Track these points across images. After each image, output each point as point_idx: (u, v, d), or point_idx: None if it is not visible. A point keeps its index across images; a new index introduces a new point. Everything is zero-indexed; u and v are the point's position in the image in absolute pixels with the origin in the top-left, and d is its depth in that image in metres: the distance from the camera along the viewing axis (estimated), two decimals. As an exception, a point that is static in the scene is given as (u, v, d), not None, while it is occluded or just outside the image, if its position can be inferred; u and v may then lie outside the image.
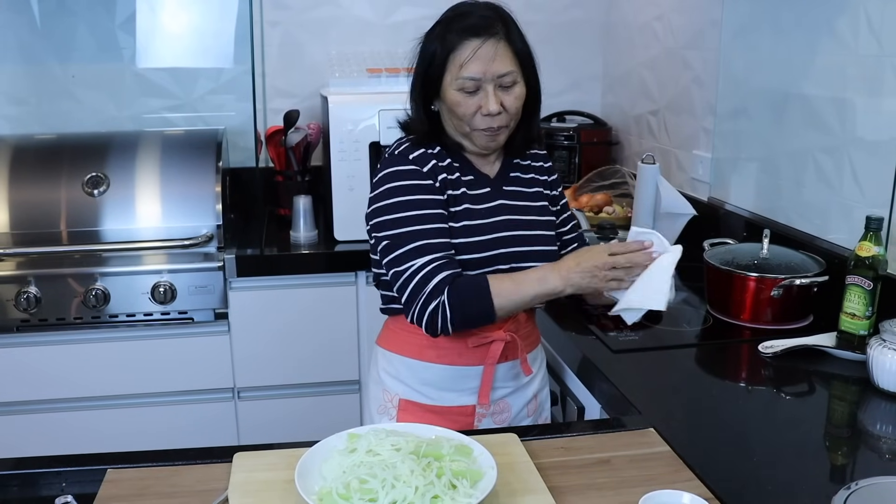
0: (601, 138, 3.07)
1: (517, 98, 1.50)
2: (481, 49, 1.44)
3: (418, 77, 1.54)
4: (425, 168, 1.51)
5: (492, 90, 1.46)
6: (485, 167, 1.59)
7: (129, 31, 2.80)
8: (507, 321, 1.55)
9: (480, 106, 1.47)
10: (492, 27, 1.46)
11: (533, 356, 1.65)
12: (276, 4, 2.90)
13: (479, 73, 1.45)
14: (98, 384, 2.39)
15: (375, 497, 1.02)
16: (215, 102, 2.91)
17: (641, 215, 2.44)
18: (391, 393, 1.61)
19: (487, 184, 1.58)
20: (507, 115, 1.49)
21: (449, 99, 1.49)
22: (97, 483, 1.17)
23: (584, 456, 1.26)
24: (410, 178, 1.50)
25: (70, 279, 2.31)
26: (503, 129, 1.51)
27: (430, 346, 1.55)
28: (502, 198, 1.58)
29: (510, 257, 1.53)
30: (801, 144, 2.03)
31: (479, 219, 1.53)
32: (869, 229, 1.61)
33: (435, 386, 1.57)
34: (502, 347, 1.54)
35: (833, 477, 1.28)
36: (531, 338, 1.65)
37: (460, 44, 1.46)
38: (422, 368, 1.57)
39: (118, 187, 2.46)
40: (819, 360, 1.66)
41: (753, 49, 2.21)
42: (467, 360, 1.55)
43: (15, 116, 2.80)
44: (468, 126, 1.50)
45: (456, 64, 1.46)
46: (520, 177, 1.63)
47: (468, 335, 1.53)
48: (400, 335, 1.61)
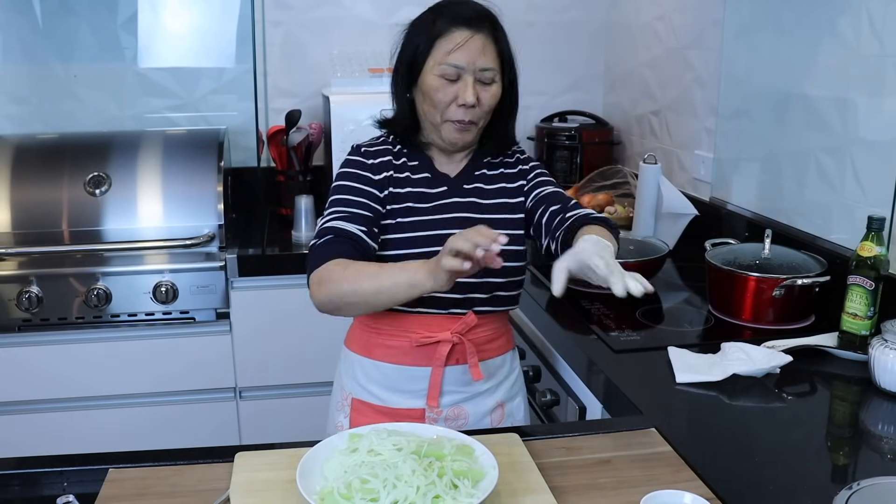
0: (603, 138, 3.07)
1: (493, 96, 1.49)
2: (471, 40, 1.45)
3: (402, 62, 1.53)
4: (371, 161, 1.54)
5: (471, 81, 1.46)
6: (447, 166, 1.58)
7: (130, 30, 2.80)
8: (455, 322, 1.51)
9: (457, 96, 1.46)
10: (483, 22, 1.47)
11: (497, 362, 1.59)
12: (278, 4, 2.90)
13: (463, 62, 1.45)
14: (100, 384, 2.39)
15: (377, 497, 1.02)
16: (217, 102, 2.91)
17: (643, 215, 2.44)
18: (346, 391, 1.61)
19: (445, 182, 1.56)
20: (480, 111, 1.49)
21: (427, 83, 1.48)
22: (99, 483, 1.17)
23: (586, 456, 1.26)
24: (353, 166, 1.54)
25: (72, 279, 2.31)
26: (473, 126, 1.50)
27: (377, 343, 1.54)
28: (459, 196, 1.55)
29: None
30: (803, 144, 2.03)
31: (421, 216, 1.51)
32: (871, 229, 1.61)
33: (384, 386, 1.55)
34: (449, 349, 1.51)
35: (835, 477, 1.28)
36: (493, 343, 1.58)
37: (450, 31, 1.46)
38: (371, 367, 1.56)
39: (120, 187, 2.46)
40: (821, 361, 1.66)
41: (755, 49, 2.21)
42: (414, 360, 1.53)
43: (17, 116, 2.80)
44: (440, 115, 1.49)
45: (442, 50, 1.46)
46: (485, 175, 1.59)
47: (409, 332, 1.51)
48: (355, 332, 1.61)
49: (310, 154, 2.84)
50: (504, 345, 1.62)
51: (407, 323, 1.52)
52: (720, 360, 1.61)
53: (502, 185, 1.60)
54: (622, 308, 1.97)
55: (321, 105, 2.89)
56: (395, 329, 1.52)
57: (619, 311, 1.95)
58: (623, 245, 2.17)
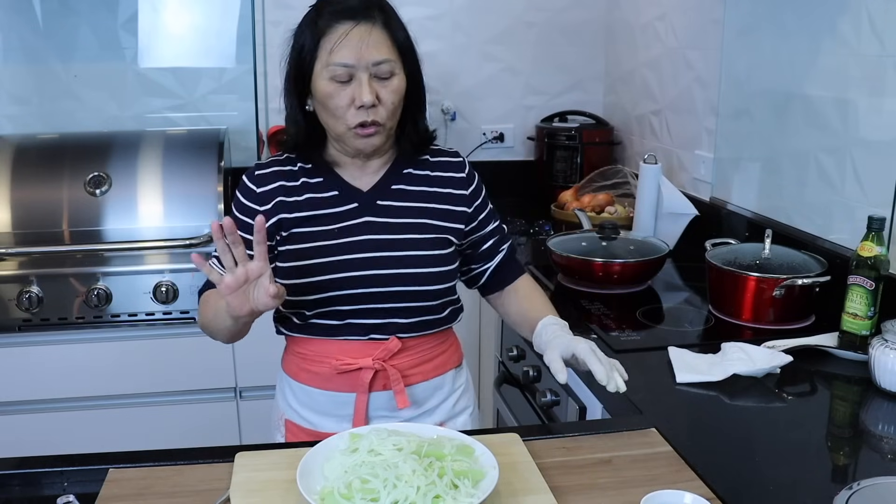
0: (603, 138, 3.07)
1: (394, 91, 1.35)
2: (353, 32, 1.31)
3: (291, 71, 1.40)
4: (260, 189, 1.43)
5: (366, 79, 1.32)
6: (359, 180, 1.44)
7: (131, 30, 2.80)
8: (377, 348, 1.42)
9: (354, 98, 1.32)
10: (367, 11, 1.33)
11: (434, 384, 1.50)
12: (278, 4, 2.90)
13: (351, 59, 1.31)
14: (100, 384, 2.39)
15: (377, 497, 1.02)
16: (217, 102, 2.91)
17: (643, 215, 2.44)
18: (280, 411, 1.55)
19: (356, 199, 1.43)
20: (384, 110, 1.35)
21: (320, 90, 1.35)
22: (99, 483, 1.17)
23: (586, 456, 1.26)
24: (241, 196, 1.45)
25: (72, 279, 2.31)
26: (378, 129, 1.36)
27: (303, 368, 1.47)
28: (371, 214, 1.42)
29: (376, 280, 1.40)
30: (803, 144, 2.03)
31: (325, 240, 1.39)
32: (871, 229, 1.61)
33: (312, 410, 1.48)
34: (372, 375, 1.42)
35: (835, 477, 1.28)
36: (426, 365, 1.48)
37: (331, 27, 1.32)
38: (299, 390, 1.49)
39: (120, 187, 2.47)
40: (821, 361, 1.66)
41: (755, 49, 2.21)
42: (338, 386, 1.44)
43: (17, 116, 2.80)
44: (342, 124, 1.35)
45: (327, 49, 1.32)
46: (404, 189, 1.45)
47: (330, 357, 1.43)
48: (286, 354, 1.55)
49: (310, 154, 2.84)
50: (441, 365, 1.52)
51: (328, 349, 1.44)
52: (720, 360, 1.61)
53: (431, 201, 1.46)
54: (622, 308, 1.97)
55: (321, 105, 2.89)
56: (317, 354, 1.45)
57: (619, 311, 1.96)
58: (623, 245, 2.17)
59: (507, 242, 1.59)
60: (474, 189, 1.52)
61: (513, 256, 1.60)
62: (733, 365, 1.58)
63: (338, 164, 1.45)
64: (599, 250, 2.14)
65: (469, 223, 1.51)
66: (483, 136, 3.17)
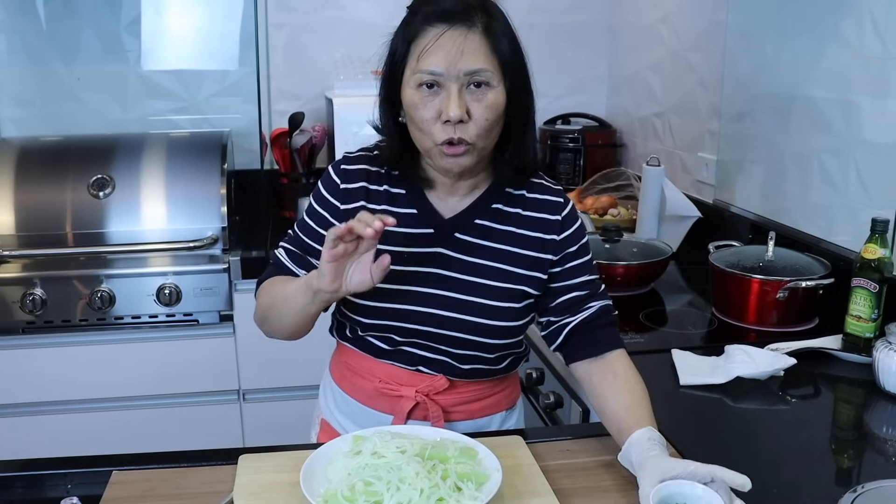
0: (606, 140, 3.07)
1: (489, 107, 1.19)
2: (446, 36, 1.16)
3: (385, 77, 1.26)
4: (345, 185, 1.31)
5: (455, 90, 1.17)
6: (443, 202, 1.30)
7: (134, 33, 2.81)
8: (423, 381, 1.33)
9: (441, 110, 1.18)
10: (468, 14, 1.17)
11: (476, 425, 1.39)
12: (281, 7, 2.91)
13: (440, 67, 1.16)
14: (103, 386, 2.39)
15: (381, 499, 1.02)
16: (220, 104, 2.91)
17: (646, 218, 2.44)
18: (319, 409, 1.51)
19: (434, 224, 1.29)
20: (473, 127, 1.19)
21: (406, 100, 1.21)
22: (102, 484, 1.17)
23: (589, 458, 1.26)
24: (324, 188, 1.34)
25: (75, 281, 2.31)
26: (468, 148, 1.20)
27: (348, 377, 1.41)
28: (446, 247, 1.29)
29: (435, 320, 1.28)
30: (807, 146, 2.03)
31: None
32: (875, 231, 1.61)
33: (350, 419, 1.41)
34: (413, 405, 1.33)
35: (839, 480, 1.28)
36: (473, 405, 1.38)
37: (423, 29, 1.18)
38: (341, 397, 1.43)
39: (123, 189, 2.47)
40: (824, 363, 1.66)
41: (758, 51, 2.21)
42: (378, 406, 1.37)
43: (20, 118, 2.81)
44: (428, 139, 1.21)
45: (416, 54, 1.18)
46: (489, 227, 1.30)
47: (375, 376, 1.35)
48: (335, 358, 1.49)
49: (313, 156, 2.84)
50: (490, 406, 1.40)
51: (374, 368, 1.37)
52: (724, 363, 1.61)
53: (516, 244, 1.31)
54: (626, 310, 1.97)
55: (324, 107, 2.89)
56: (363, 370, 1.38)
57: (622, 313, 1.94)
58: (626, 247, 2.17)
59: (601, 301, 1.36)
60: (569, 235, 1.33)
61: (609, 321, 1.36)
62: (737, 367, 1.57)
63: (426, 180, 1.30)
64: (602, 252, 2.14)
65: (552, 269, 1.32)
66: (486, 138, 3.17)
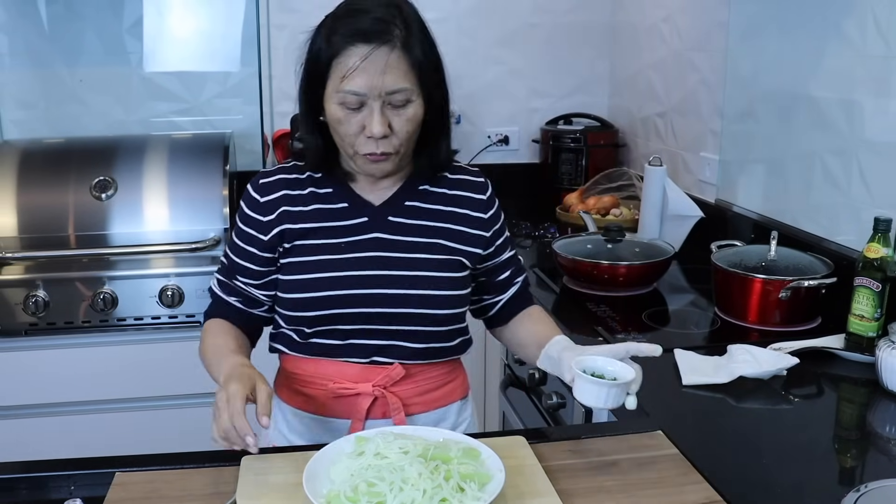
0: (608, 140, 3.07)
1: (409, 120, 1.26)
2: (369, 59, 1.21)
3: (304, 77, 1.30)
4: (264, 199, 1.37)
5: (378, 108, 1.23)
6: (371, 193, 1.37)
7: (136, 35, 2.81)
8: (378, 373, 1.35)
9: (364, 126, 1.25)
10: (386, 32, 1.22)
11: (437, 416, 1.41)
12: (283, 8, 2.91)
13: (363, 88, 1.22)
14: (106, 388, 2.39)
15: (384, 500, 1.02)
16: (222, 106, 2.92)
17: (648, 218, 2.44)
18: (269, 439, 1.43)
19: (366, 213, 1.36)
20: (395, 140, 1.27)
21: (330, 114, 1.27)
22: (106, 486, 1.17)
23: (592, 459, 1.26)
24: (244, 207, 1.40)
25: (78, 283, 2.31)
26: (390, 157, 1.28)
27: (295, 390, 1.40)
28: (381, 230, 1.35)
29: (382, 300, 1.32)
30: (809, 146, 2.03)
31: (331, 254, 1.32)
32: (877, 231, 1.61)
33: (304, 438, 1.39)
34: (371, 402, 1.35)
35: (842, 479, 1.28)
36: (430, 395, 1.40)
37: (345, 49, 1.22)
38: (291, 415, 1.41)
39: (126, 191, 2.47)
40: (827, 363, 1.66)
41: (760, 50, 2.21)
42: (333, 412, 1.36)
43: (23, 120, 2.81)
44: (351, 148, 1.28)
45: (338, 73, 1.23)
46: (418, 207, 1.37)
47: (327, 380, 1.35)
48: (281, 373, 1.46)
49: (315, 157, 2.84)
50: (446, 395, 1.44)
51: (326, 370, 1.36)
52: (726, 363, 1.61)
53: (446, 220, 1.39)
54: (628, 310, 1.97)
55: (326, 108, 2.89)
56: (313, 376, 1.37)
57: (625, 313, 1.95)
58: (629, 247, 2.17)
59: (522, 275, 1.51)
60: (494, 213, 1.44)
61: (526, 289, 1.52)
62: (739, 367, 1.57)
63: (350, 175, 1.37)
64: (605, 253, 2.14)
65: (486, 248, 1.42)
66: (488, 139, 3.17)
